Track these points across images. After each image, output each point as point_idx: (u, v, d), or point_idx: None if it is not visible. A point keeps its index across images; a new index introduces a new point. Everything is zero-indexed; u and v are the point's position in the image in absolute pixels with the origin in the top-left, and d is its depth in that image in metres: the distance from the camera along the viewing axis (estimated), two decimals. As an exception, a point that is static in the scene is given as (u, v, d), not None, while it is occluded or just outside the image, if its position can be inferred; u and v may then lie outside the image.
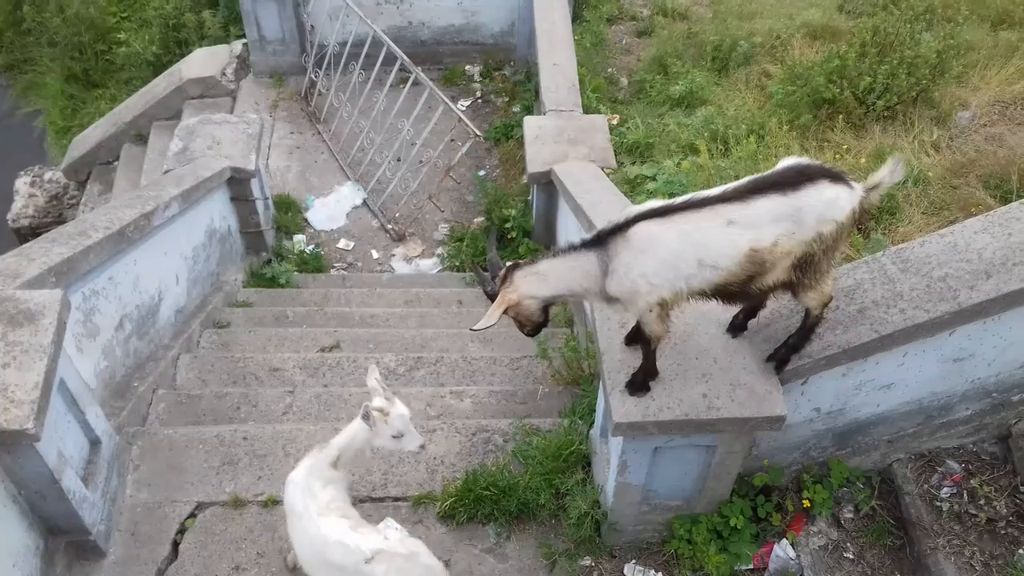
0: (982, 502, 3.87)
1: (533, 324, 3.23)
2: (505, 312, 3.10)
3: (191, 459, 4.48)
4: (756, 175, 2.92)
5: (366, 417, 3.49)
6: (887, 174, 2.91)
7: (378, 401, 3.54)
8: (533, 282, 3.06)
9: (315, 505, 3.42)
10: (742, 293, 3.05)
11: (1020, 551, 3.71)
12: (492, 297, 3.14)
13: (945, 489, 3.95)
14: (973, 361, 3.73)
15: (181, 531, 4.20)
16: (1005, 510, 3.84)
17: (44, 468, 3.53)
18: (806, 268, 2.94)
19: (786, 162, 2.93)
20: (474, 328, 3.17)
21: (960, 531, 3.82)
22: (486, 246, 3.35)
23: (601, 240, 2.95)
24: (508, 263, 3.13)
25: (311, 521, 3.38)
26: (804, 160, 2.95)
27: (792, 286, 3.02)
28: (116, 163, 9.34)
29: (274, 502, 4.29)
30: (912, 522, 3.90)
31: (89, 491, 3.92)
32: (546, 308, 3.19)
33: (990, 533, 3.81)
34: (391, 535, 3.36)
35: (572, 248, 3.01)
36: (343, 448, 3.58)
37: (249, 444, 4.55)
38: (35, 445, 3.39)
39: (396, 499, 4.37)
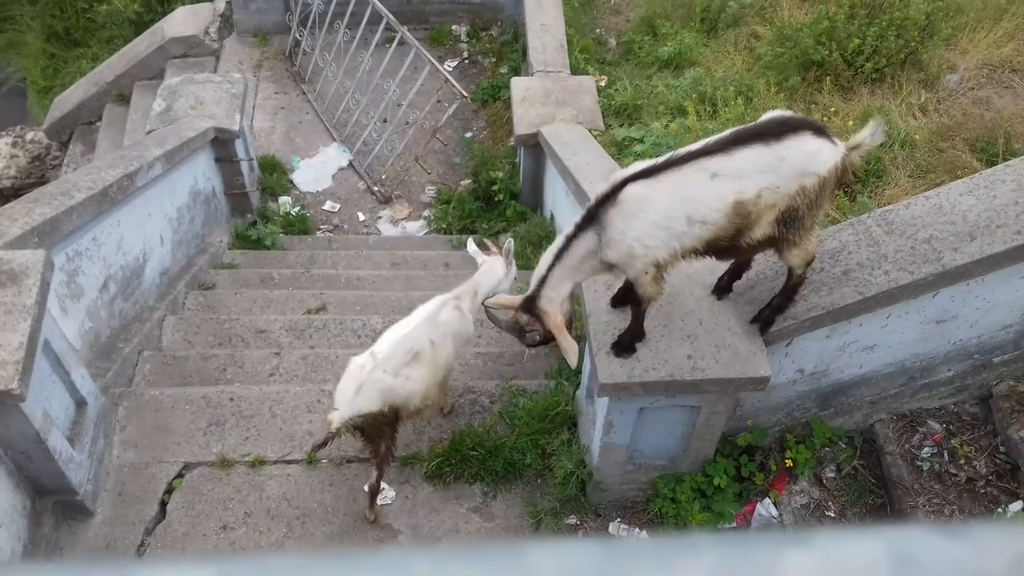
0: (962, 462, 3.93)
1: (569, 320, 3.35)
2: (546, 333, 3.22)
3: (177, 420, 4.49)
4: (738, 127, 2.91)
5: (508, 254, 4.34)
6: (868, 136, 2.92)
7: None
8: (557, 293, 3.12)
9: (435, 313, 4.02)
10: (732, 247, 3.06)
11: (999, 510, 3.77)
12: (540, 343, 3.28)
13: (926, 449, 4.01)
14: (956, 323, 3.76)
15: (168, 491, 4.22)
16: (984, 470, 3.90)
17: (30, 428, 3.53)
18: (790, 223, 2.95)
19: (770, 114, 2.93)
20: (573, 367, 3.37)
21: (940, 490, 3.88)
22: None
23: (592, 216, 2.95)
24: (524, 299, 3.19)
25: (416, 313, 4.03)
26: (787, 112, 2.96)
27: (776, 242, 3.03)
28: (98, 123, 9.23)
29: (261, 462, 4.31)
30: (893, 481, 3.96)
31: (75, 451, 3.93)
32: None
33: (969, 492, 3.87)
34: (384, 361, 3.76)
35: (568, 238, 3.01)
36: (481, 285, 4.23)
37: (236, 405, 4.56)
38: (20, 405, 3.38)
39: (383, 459, 4.39)
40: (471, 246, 4.22)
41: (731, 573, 0.50)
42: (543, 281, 3.09)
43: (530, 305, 3.14)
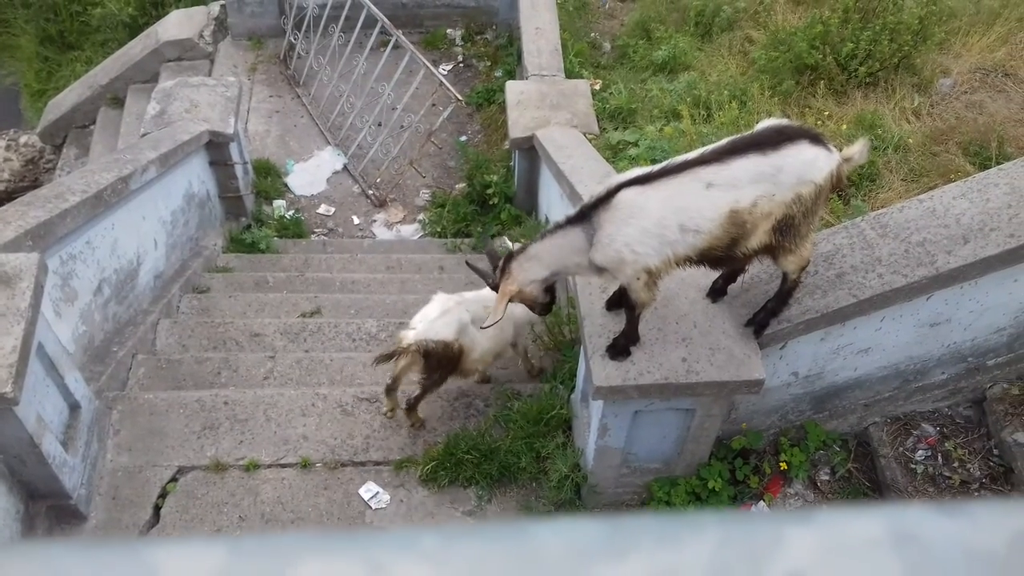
0: (956, 465, 3.93)
1: (541, 305, 3.36)
2: (511, 300, 3.20)
3: (172, 423, 4.47)
4: (735, 136, 2.92)
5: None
6: (857, 151, 2.96)
7: None
8: (529, 268, 3.13)
9: None
10: (727, 257, 3.06)
11: (992, 512, 3.77)
12: (490, 285, 3.26)
13: (920, 452, 4.01)
14: (949, 326, 3.77)
15: (162, 495, 4.21)
16: (978, 472, 3.91)
17: (23, 432, 3.52)
18: (786, 231, 2.96)
19: (766, 123, 2.94)
20: (483, 327, 3.38)
21: (934, 493, 3.89)
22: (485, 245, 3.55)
23: (585, 214, 2.97)
24: (507, 253, 3.20)
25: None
26: (784, 121, 2.96)
27: (772, 250, 3.04)
28: (92, 127, 9.21)
29: (255, 466, 4.31)
30: (887, 484, 3.96)
31: (69, 455, 3.91)
32: (549, 288, 3.28)
33: (963, 495, 3.87)
34: (467, 302, 4.18)
35: (558, 226, 3.05)
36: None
37: (230, 409, 4.55)
38: (14, 409, 3.37)
39: (377, 463, 4.39)
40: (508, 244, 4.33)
41: (734, 549, 0.51)
42: (524, 249, 3.15)
43: (509, 259, 3.18)
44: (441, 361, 4.13)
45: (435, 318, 4.09)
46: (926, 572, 0.50)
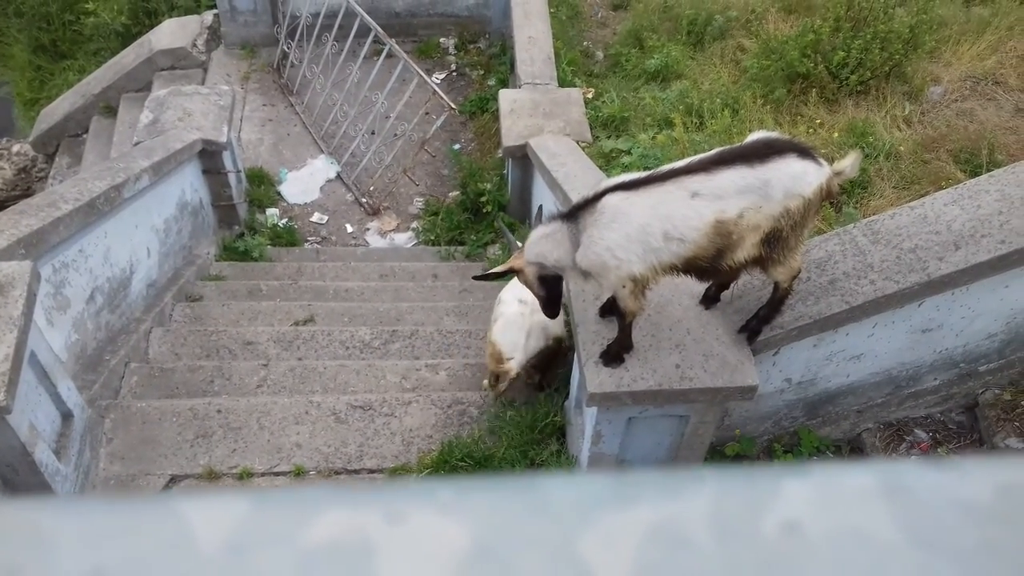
0: (948, 470, 3.94)
1: (538, 297, 3.34)
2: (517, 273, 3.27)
3: (165, 432, 4.46)
4: (724, 147, 2.93)
5: None
6: (848, 165, 2.95)
7: None
8: (527, 250, 3.15)
9: None
10: (714, 269, 3.06)
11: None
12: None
13: (913, 457, 4.02)
14: (941, 332, 3.78)
15: (155, 504, 4.18)
16: (971, 478, 3.92)
17: (16, 441, 3.51)
18: (774, 244, 2.96)
19: (755, 135, 2.95)
20: (475, 276, 3.54)
21: (927, 498, 3.89)
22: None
23: (573, 214, 2.98)
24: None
25: None
26: (773, 134, 2.97)
27: (761, 261, 3.04)
28: (85, 135, 9.19)
29: (248, 474, 4.29)
30: (880, 490, 3.97)
31: (62, 464, 3.90)
32: (545, 281, 3.23)
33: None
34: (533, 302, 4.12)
35: (550, 218, 3.09)
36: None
37: (223, 417, 4.54)
38: (6, 418, 3.36)
39: (372, 471, 4.39)
40: None
41: (734, 499, 0.55)
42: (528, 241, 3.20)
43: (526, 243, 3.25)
44: (547, 359, 4.51)
45: (525, 342, 4.30)
46: (916, 520, 0.53)
